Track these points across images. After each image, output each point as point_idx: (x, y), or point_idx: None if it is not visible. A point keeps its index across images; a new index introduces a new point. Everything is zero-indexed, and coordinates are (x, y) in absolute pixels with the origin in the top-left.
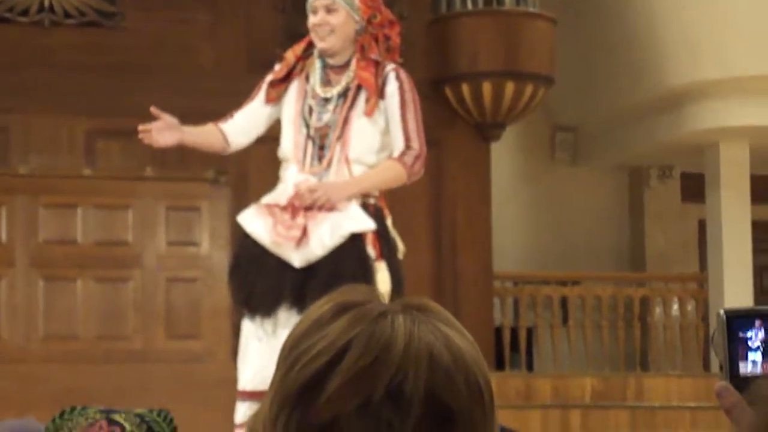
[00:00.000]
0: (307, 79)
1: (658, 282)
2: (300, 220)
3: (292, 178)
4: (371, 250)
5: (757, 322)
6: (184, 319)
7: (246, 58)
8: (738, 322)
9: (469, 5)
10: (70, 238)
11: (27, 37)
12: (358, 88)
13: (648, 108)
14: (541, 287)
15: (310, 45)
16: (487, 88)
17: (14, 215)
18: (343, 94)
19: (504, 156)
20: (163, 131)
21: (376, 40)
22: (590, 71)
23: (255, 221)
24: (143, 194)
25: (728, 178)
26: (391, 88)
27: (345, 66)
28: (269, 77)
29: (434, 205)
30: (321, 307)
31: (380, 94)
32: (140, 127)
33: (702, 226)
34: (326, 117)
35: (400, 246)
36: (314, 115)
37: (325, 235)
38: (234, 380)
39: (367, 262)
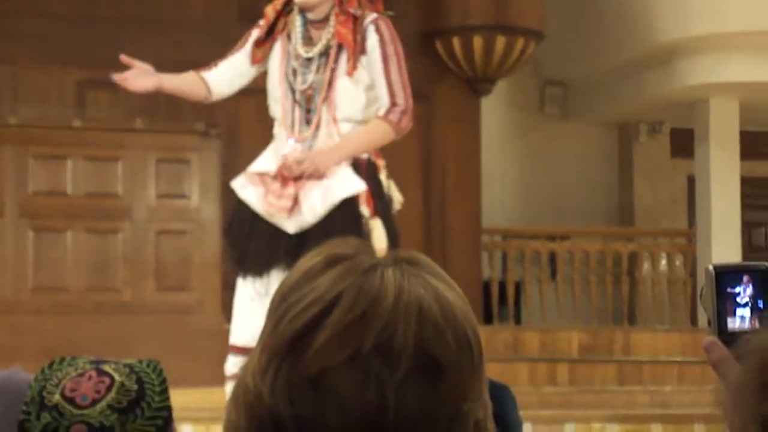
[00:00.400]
0: (289, 37)
1: (646, 237)
2: (290, 189)
3: (283, 143)
4: (365, 209)
5: (745, 278)
6: (173, 271)
7: (236, 7)
8: (727, 277)
9: None
10: (60, 189)
11: None
12: (339, 46)
13: (638, 63)
14: (529, 242)
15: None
16: (477, 42)
17: (3, 166)
18: (325, 53)
19: (494, 110)
20: (138, 77)
21: None
22: (580, 26)
23: (247, 189)
24: (133, 146)
25: (718, 134)
26: (372, 42)
27: (325, 21)
28: (254, 33)
29: (423, 159)
30: (311, 259)
31: (361, 49)
32: (115, 77)
33: (691, 181)
34: (310, 78)
35: (397, 197)
36: (298, 77)
37: (317, 202)
38: (223, 332)
39: (360, 222)
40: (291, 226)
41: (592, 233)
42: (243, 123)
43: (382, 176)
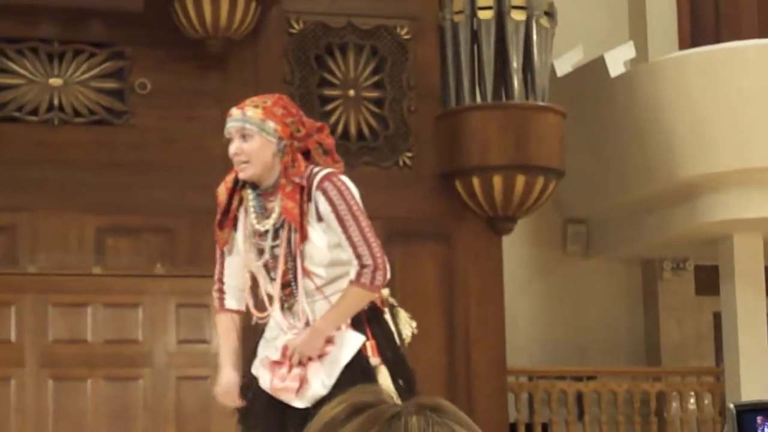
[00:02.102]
0: (246, 211)
1: (674, 376)
2: (296, 371)
3: (274, 329)
4: (374, 359)
5: (761, 418)
6: (194, 418)
7: None
8: (747, 416)
9: (478, 99)
10: (80, 337)
11: (36, 135)
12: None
13: (660, 199)
14: (556, 382)
15: None
16: (497, 181)
17: (23, 315)
18: (281, 225)
19: (516, 249)
20: (227, 397)
21: (307, 151)
22: (601, 163)
23: (259, 368)
24: (153, 291)
25: (742, 271)
26: (323, 208)
27: (275, 190)
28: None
29: (446, 299)
30: (333, 408)
31: (317, 216)
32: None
33: (717, 318)
34: (276, 251)
35: (407, 331)
36: (264, 255)
37: (325, 376)
38: None
39: (370, 374)
40: (300, 402)
41: (619, 372)
42: None
43: (387, 316)
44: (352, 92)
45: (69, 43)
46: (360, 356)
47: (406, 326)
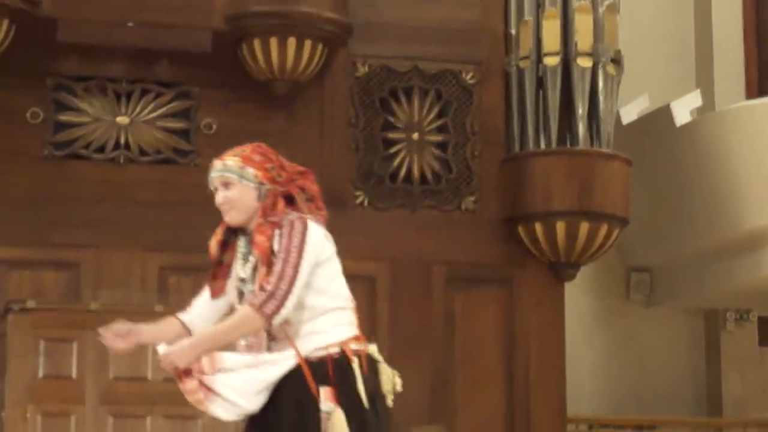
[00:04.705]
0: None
1: (736, 428)
2: (193, 383)
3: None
4: (326, 405)
5: None
6: None
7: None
8: None
9: (542, 145)
10: (140, 374)
11: (102, 173)
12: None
13: (725, 249)
14: None
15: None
16: (560, 227)
17: (85, 352)
18: (255, 268)
19: (578, 296)
20: (116, 340)
21: (291, 196)
22: (665, 211)
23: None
24: None
25: None
26: (277, 242)
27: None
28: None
29: (507, 345)
30: None
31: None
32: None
33: None
34: (246, 295)
35: (388, 386)
36: (244, 299)
37: (242, 392)
38: None
39: (308, 413)
40: (225, 414)
41: (680, 423)
42: None
43: (355, 366)
44: (415, 135)
45: (137, 82)
46: (305, 392)
47: (387, 382)
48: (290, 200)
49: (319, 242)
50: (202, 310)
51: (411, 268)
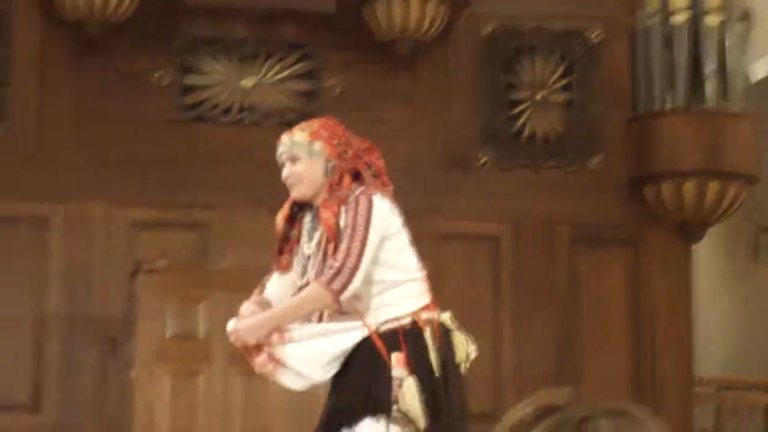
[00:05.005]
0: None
1: None
2: (263, 356)
3: None
4: (399, 371)
5: None
6: None
7: (441, 157)
8: None
9: (669, 103)
10: None
11: (228, 135)
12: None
13: None
14: (743, 393)
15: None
16: (688, 187)
17: (212, 311)
18: (320, 243)
19: (705, 257)
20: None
21: (358, 172)
22: None
23: None
24: None
25: None
26: (343, 218)
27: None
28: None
29: (632, 307)
30: (522, 409)
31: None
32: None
33: None
34: (309, 272)
35: (461, 354)
36: (307, 274)
37: (313, 363)
38: None
39: (382, 379)
40: (294, 384)
41: None
42: (447, 268)
43: (427, 335)
44: (540, 95)
45: (262, 45)
46: (377, 359)
47: (461, 351)
48: (357, 176)
49: (385, 217)
50: (275, 288)
51: (535, 229)
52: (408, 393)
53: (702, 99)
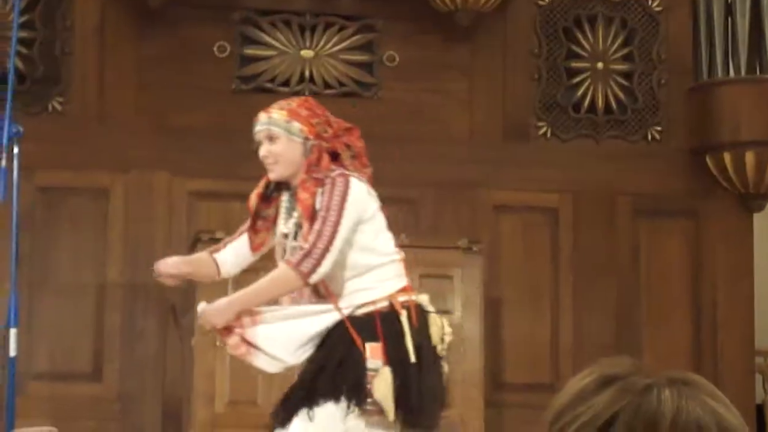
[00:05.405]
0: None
1: None
2: (235, 338)
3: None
4: (373, 362)
5: None
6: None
7: (501, 126)
8: None
9: (731, 72)
10: None
11: None
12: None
13: None
14: None
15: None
16: (750, 157)
17: None
18: (299, 224)
19: (766, 227)
20: (167, 278)
21: (336, 153)
22: None
23: None
24: None
25: None
26: (319, 200)
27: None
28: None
29: (693, 277)
30: (583, 379)
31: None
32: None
33: None
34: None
35: (437, 337)
36: (286, 255)
37: (284, 345)
38: None
39: (357, 366)
40: (269, 367)
41: None
42: (506, 239)
43: (403, 319)
44: (600, 65)
45: (320, 16)
46: (350, 345)
47: (437, 333)
48: (335, 156)
49: (361, 200)
50: (234, 257)
51: (595, 200)
52: (382, 383)
53: (764, 68)
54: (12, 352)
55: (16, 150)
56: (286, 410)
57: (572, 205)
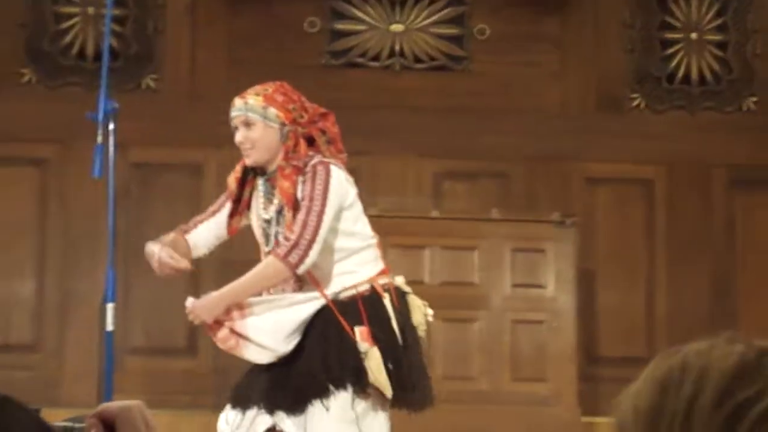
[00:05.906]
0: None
1: None
2: (224, 331)
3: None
4: (363, 345)
5: None
6: (529, 361)
7: (594, 99)
8: None
9: None
10: (418, 278)
11: (377, 80)
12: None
13: None
14: None
15: None
16: None
17: None
18: (280, 211)
19: None
20: (165, 271)
21: (311, 138)
22: None
23: None
24: (489, 235)
25: None
26: (301, 189)
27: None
28: (228, 205)
29: None
30: (726, 355)
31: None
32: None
33: None
34: (279, 237)
35: (418, 317)
36: (270, 241)
37: (275, 333)
38: (580, 425)
39: (350, 351)
40: (260, 357)
41: None
42: (599, 212)
43: (386, 301)
44: (694, 35)
45: None
46: (339, 329)
47: (417, 313)
48: (311, 142)
49: (342, 187)
50: (206, 238)
51: (690, 172)
52: (373, 364)
53: None
54: (109, 327)
55: (111, 126)
56: (297, 400)
57: (666, 177)
